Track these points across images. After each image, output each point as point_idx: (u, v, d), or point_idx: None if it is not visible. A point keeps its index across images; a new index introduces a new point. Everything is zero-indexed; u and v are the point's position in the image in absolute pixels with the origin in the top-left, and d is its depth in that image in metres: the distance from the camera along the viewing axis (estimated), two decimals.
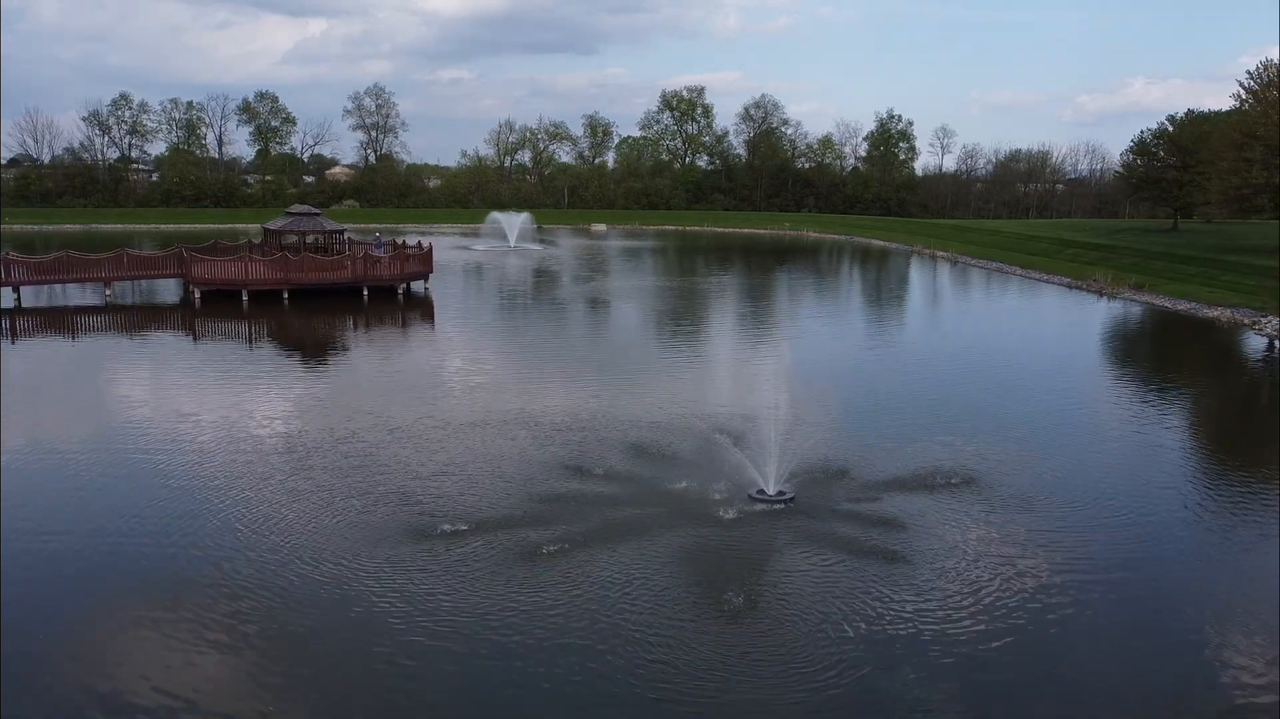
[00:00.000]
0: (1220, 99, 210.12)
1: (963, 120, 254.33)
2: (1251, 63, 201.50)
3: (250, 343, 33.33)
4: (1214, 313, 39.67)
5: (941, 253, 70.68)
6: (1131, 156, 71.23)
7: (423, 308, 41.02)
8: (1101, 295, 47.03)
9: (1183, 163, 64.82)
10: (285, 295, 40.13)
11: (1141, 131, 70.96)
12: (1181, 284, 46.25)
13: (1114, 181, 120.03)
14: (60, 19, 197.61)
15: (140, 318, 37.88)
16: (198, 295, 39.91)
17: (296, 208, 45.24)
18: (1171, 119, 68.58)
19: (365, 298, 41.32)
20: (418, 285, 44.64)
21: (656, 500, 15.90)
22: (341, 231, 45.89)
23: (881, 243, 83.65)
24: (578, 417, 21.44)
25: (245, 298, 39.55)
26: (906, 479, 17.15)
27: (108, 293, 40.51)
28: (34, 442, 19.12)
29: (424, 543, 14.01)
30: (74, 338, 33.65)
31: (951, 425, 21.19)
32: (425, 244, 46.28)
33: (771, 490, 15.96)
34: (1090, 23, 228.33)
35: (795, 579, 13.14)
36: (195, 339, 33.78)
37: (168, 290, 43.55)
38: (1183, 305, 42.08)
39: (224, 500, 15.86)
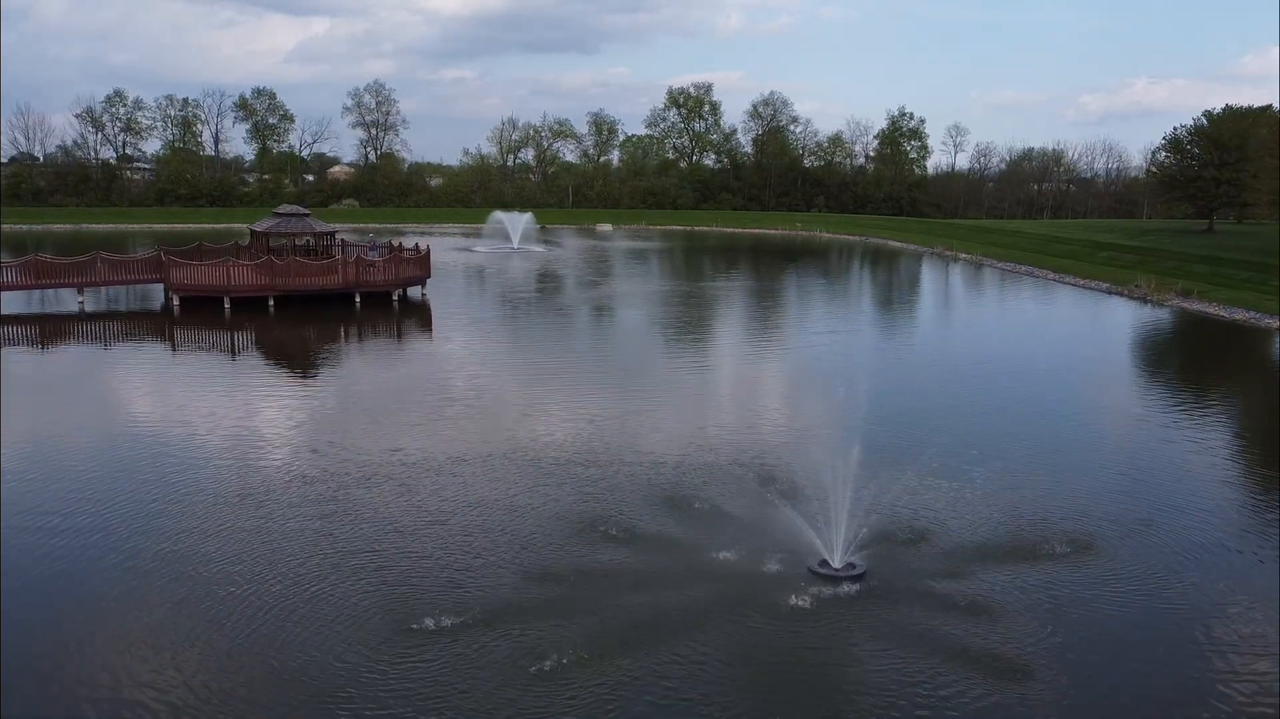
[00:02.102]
0: (1223, 98, 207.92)
1: (964, 120, 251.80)
2: (1254, 63, 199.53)
3: (227, 355, 30.29)
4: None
5: (964, 255, 67.54)
6: (1164, 154, 67.93)
7: (419, 316, 38.01)
8: (1146, 302, 43.90)
9: (1221, 160, 61.52)
10: (270, 302, 37.18)
11: (1175, 128, 67.87)
12: (1233, 290, 43.08)
13: (1143, 180, 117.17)
14: (64, 18, 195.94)
15: (111, 328, 34.90)
16: (176, 303, 37.02)
17: (285, 208, 42.23)
18: (1209, 115, 65.31)
19: (357, 305, 38.35)
20: (415, 290, 41.69)
21: (693, 577, 12.78)
22: (332, 233, 42.88)
23: (898, 244, 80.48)
24: (589, 451, 18.43)
25: (227, 305, 36.63)
26: (1001, 543, 14.02)
27: (80, 300, 37.56)
28: None
29: (388, 647, 10.87)
30: (36, 350, 30.65)
31: (1036, 460, 18.18)
32: (423, 247, 43.29)
33: (837, 562, 12.91)
34: (1091, 22, 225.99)
35: (896, 713, 9.90)
36: (166, 351, 30.80)
37: (149, 296, 40.46)
38: (1240, 314, 38.84)
39: (128, 573, 12.70)
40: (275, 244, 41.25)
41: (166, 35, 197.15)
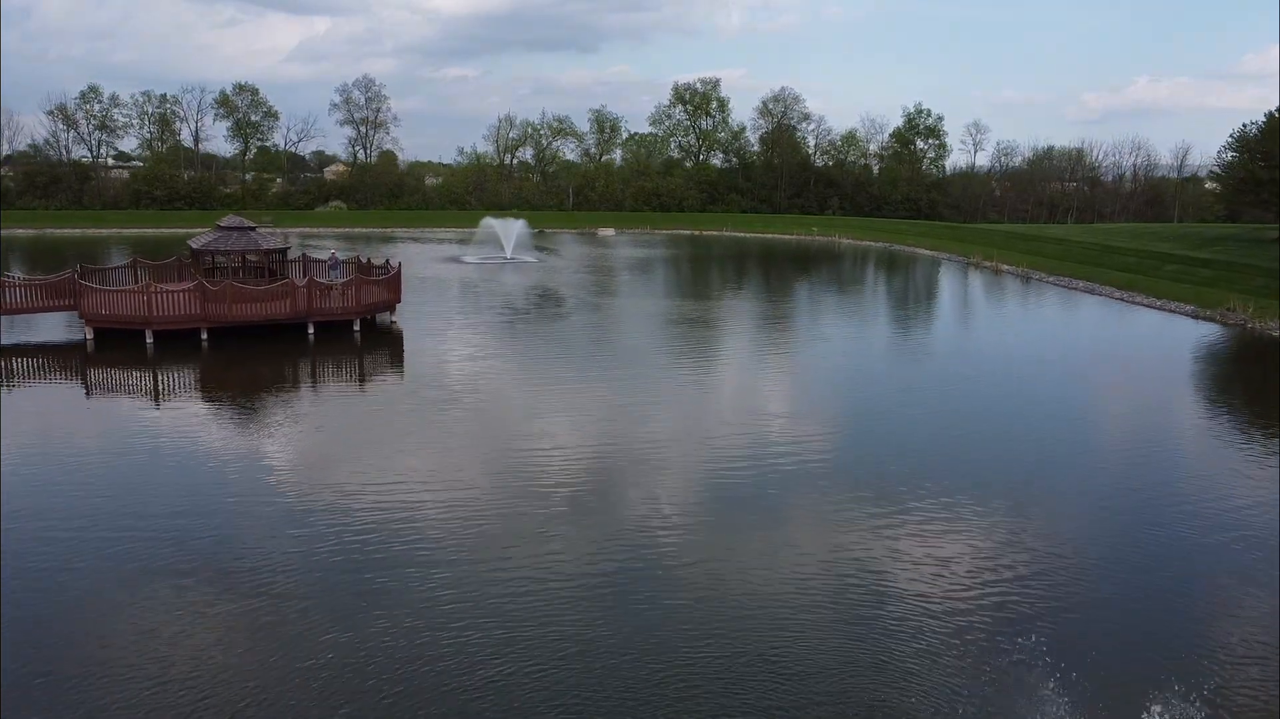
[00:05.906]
0: (1224, 97, 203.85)
1: (966, 119, 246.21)
2: (1254, 62, 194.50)
3: (136, 406, 23.28)
4: None
5: (1005, 265, 61.00)
6: (1232, 154, 61.20)
7: (383, 353, 31.42)
8: (1244, 329, 37.33)
9: None
10: (203, 336, 30.71)
11: (1244, 125, 61.18)
12: None
13: (1173, 180, 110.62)
14: (66, 18, 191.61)
15: (4, 367, 28.18)
16: (90, 336, 30.62)
17: (227, 220, 35.66)
18: None
19: (311, 337, 31.86)
20: (384, 316, 35.26)
21: None
22: (283, 250, 36.37)
23: (928, 252, 73.96)
24: (585, 637, 11.93)
25: (149, 339, 30.15)
26: None
27: None
28: None
29: None
30: None
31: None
32: (394, 264, 36.76)
33: None
34: (1092, 21, 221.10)
35: None
36: (47, 402, 23.94)
37: (73, 323, 33.65)
38: None
39: None
40: (219, 263, 34.82)
41: (168, 34, 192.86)
